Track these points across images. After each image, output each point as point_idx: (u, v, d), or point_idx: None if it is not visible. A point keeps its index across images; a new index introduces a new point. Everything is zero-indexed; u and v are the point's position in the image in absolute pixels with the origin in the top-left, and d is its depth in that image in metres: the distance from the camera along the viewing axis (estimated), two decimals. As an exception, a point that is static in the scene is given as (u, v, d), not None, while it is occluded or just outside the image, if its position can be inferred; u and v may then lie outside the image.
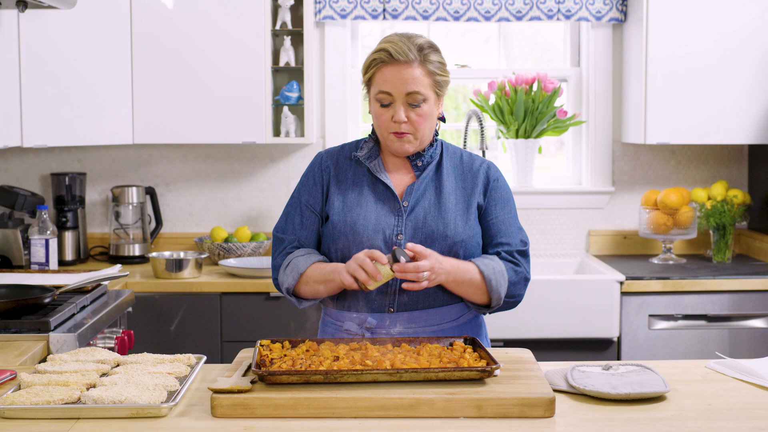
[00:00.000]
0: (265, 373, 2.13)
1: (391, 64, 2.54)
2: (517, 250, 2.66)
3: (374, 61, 2.57)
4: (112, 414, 2.07)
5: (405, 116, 2.55)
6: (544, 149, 4.93)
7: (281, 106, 4.54)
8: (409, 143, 2.60)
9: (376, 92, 2.58)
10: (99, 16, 4.25)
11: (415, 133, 2.58)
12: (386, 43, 2.57)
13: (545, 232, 4.87)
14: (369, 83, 2.62)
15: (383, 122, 2.59)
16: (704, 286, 4.18)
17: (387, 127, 2.59)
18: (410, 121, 2.56)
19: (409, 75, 2.54)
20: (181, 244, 4.79)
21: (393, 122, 2.57)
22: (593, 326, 4.13)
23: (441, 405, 2.06)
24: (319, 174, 2.70)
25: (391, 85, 2.54)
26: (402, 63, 2.54)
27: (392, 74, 2.54)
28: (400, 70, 2.54)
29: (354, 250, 2.56)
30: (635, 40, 4.55)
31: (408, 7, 4.66)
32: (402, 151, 2.62)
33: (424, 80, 2.55)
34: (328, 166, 2.69)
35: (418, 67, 2.55)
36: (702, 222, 4.59)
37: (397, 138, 2.59)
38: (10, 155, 4.72)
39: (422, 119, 2.57)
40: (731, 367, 2.45)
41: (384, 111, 2.58)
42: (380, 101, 2.58)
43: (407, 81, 2.54)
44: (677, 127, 4.45)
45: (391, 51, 2.54)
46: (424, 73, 2.56)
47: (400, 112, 2.55)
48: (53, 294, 3.20)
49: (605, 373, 2.32)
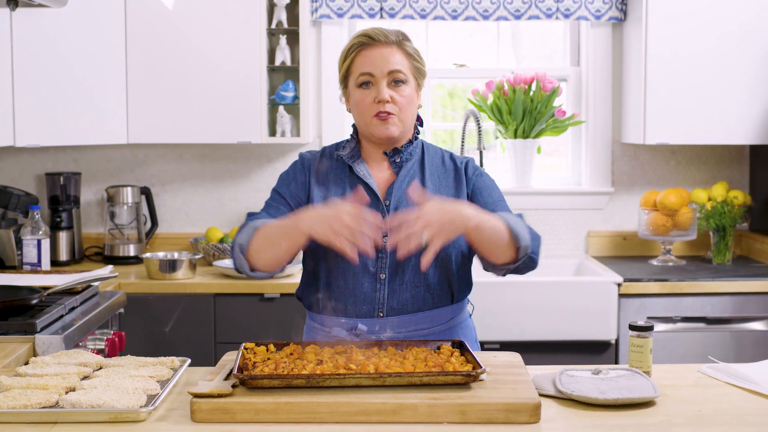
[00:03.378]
0: (246, 377, 2.09)
1: (370, 45, 2.55)
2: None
3: (354, 47, 2.57)
4: (89, 418, 2.03)
5: (388, 96, 2.52)
6: (543, 149, 4.88)
7: (277, 105, 4.50)
8: (393, 125, 2.55)
9: (357, 76, 2.55)
10: (93, 14, 4.22)
11: (400, 115, 2.54)
12: (362, 31, 2.59)
13: (544, 233, 4.82)
14: (347, 74, 2.59)
15: (365, 106, 2.55)
16: (704, 288, 4.13)
17: (369, 110, 2.55)
18: (394, 101, 2.53)
19: (390, 54, 2.55)
20: (177, 244, 4.75)
21: (376, 103, 2.53)
22: (591, 329, 4.09)
23: (424, 410, 2.02)
24: (300, 170, 2.65)
25: (372, 65, 2.53)
26: (382, 43, 2.55)
27: (373, 55, 2.54)
28: (381, 51, 2.54)
29: (338, 254, 2.50)
30: (635, 39, 4.51)
31: (405, 5, 4.62)
32: (386, 135, 2.55)
33: (404, 62, 2.56)
34: (309, 165, 2.65)
35: (397, 50, 2.56)
36: (702, 223, 4.54)
37: (380, 121, 2.54)
38: (5, 155, 4.69)
39: (405, 101, 2.55)
40: (724, 372, 2.40)
41: (366, 94, 2.55)
42: (361, 83, 2.55)
43: (388, 60, 2.54)
44: (677, 127, 4.41)
45: (371, 34, 2.56)
46: (404, 55, 2.57)
47: (383, 90, 2.52)
48: (41, 295, 3.17)
49: (594, 377, 2.28)
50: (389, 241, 2.47)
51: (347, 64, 2.58)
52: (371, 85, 2.54)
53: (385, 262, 2.53)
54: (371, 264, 2.52)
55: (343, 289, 2.55)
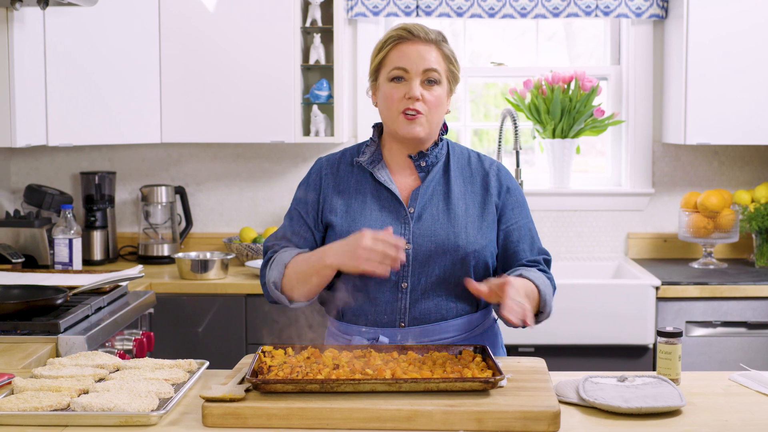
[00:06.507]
0: (259, 382, 2.05)
1: (409, 40, 2.47)
2: (544, 258, 2.55)
3: (390, 39, 2.48)
4: (99, 422, 2.01)
5: (419, 93, 2.45)
6: (582, 149, 4.79)
7: (311, 104, 4.46)
8: (420, 125, 2.46)
9: (390, 69, 2.47)
10: (127, 13, 4.21)
11: (428, 115, 2.46)
12: (402, 24, 2.50)
13: (583, 235, 4.73)
14: (379, 67, 2.51)
15: (395, 100, 2.46)
16: (744, 292, 4.03)
17: (398, 106, 2.46)
18: (424, 100, 2.45)
19: (427, 52, 2.47)
20: (212, 244, 4.73)
21: (406, 99, 2.45)
22: (628, 333, 4.00)
23: (439, 417, 1.96)
24: (315, 181, 2.58)
25: (408, 60, 2.45)
26: (421, 40, 2.47)
27: (410, 50, 2.46)
28: (419, 47, 2.46)
29: None
30: (676, 37, 4.41)
31: (442, 3, 4.56)
32: (412, 134, 2.47)
33: (441, 62, 2.48)
34: (326, 174, 2.57)
35: (435, 48, 2.48)
36: (744, 225, 4.43)
37: (407, 120, 2.45)
38: (41, 154, 4.70)
39: (435, 102, 2.47)
40: (755, 380, 2.32)
41: (396, 88, 2.46)
42: (393, 77, 2.47)
43: (425, 57, 2.46)
44: (719, 126, 4.30)
45: (411, 29, 2.47)
46: (441, 56, 2.49)
47: (415, 87, 2.44)
48: (66, 295, 3.15)
49: (620, 385, 2.21)
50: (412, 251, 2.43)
51: (381, 56, 2.50)
52: (403, 81, 2.46)
53: (407, 271, 2.46)
54: (393, 273, 2.44)
55: (365, 297, 2.49)
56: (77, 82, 4.09)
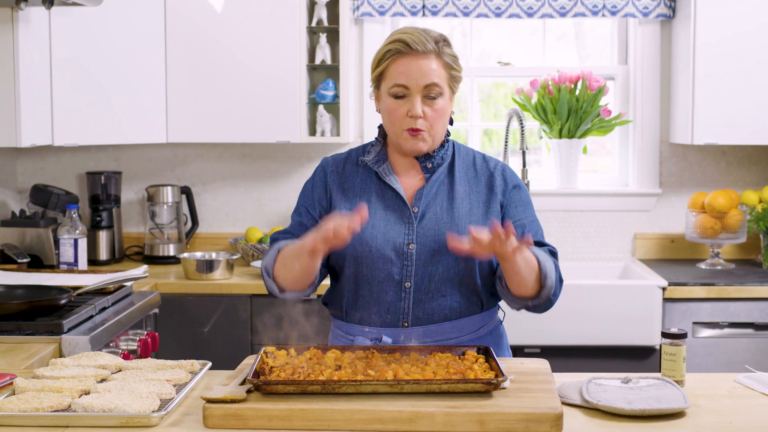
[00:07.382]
0: (260, 383, 2.04)
1: (407, 55, 2.42)
2: (551, 251, 2.53)
3: (389, 53, 2.44)
4: (100, 423, 2.00)
5: (421, 111, 2.43)
6: (589, 149, 4.78)
7: (317, 104, 4.45)
8: (423, 141, 2.46)
9: (391, 85, 2.44)
10: (133, 13, 4.20)
11: (430, 130, 2.45)
12: (400, 34, 2.44)
13: (589, 235, 4.72)
14: (380, 78, 2.48)
15: (397, 118, 2.45)
16: (752, 293, 4.01)
17: (401, 124, 2.45)
18: (426, 117, 2.43)
19: (427, 66, 2.42)
20: (218, 244, 4.73)
21: (408, 117, 2.43)
22: (634, 334, 3.99)
23: (441, 419, 1.95)
24: (321, 178, 2.57)
25: (408, 77, 2.41)
26: (420, 54, 2.41)
27: (409, 66, 2.41)
28: (418, 61, 2.41)
29: (363, 262, 2.45)
30: (683, 36, 4.39)
31: (448, 3, 4.55)
32: (415, 151, 2.48)
33: (441, 73, 2.43)
34: (332, 172, 2.57)
35: (435, 59, 2.43)
36: (752, 226, 4.41)
37: (411, 136, 2.45)
38: (48, 154, 4.70)
39: (438, 114, 2.44)
40: (760, 382, 2.31)
41: (398, 105, 2.44)
42: (394, 95, 2.44)
43: (425, 72, 2.41)
44: (727, 127, 4.28)
45: (408, 41, 2.41)
46: (441, 65, 2.44)
47: (417, 105, 2.42)
48: (70, 295, 3.14)
49: (623, 386, 2.20)
50: (415, 250, 2.42)
51: (381, 69, 2.46)
52: (405, 97, 2.44)
53: (410, 270, 2.45)
54: (396, 272, 2.44)
55: (368, 297, 2.48)
56: (83, 82, 4.08)
